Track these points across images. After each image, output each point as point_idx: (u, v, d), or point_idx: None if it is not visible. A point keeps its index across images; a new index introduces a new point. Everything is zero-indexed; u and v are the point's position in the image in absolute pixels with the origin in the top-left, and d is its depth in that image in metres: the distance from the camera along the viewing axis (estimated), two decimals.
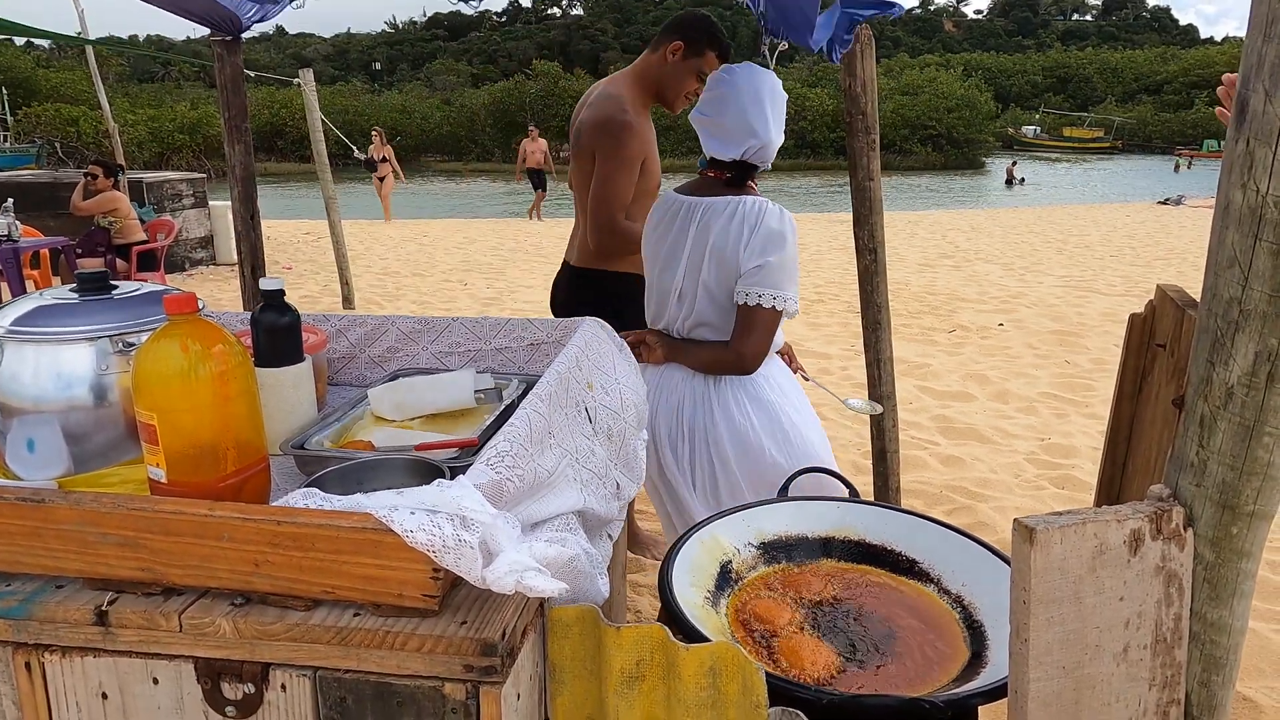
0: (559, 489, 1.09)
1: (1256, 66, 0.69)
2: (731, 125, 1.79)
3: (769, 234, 1.77)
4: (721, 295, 1.84)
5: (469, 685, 0.83)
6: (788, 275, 1.79)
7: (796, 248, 1.82)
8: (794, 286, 1.81)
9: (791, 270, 1.80)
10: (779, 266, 1.77)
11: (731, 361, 1.84)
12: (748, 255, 1.77)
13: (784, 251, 1.78)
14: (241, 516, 0.83)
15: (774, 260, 1.76)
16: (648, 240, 1.99)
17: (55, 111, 31.08)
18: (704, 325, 1.88)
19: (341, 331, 1.64)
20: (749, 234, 1.78)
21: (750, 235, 1.78)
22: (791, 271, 1.80)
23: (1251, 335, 0.72)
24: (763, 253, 1.76)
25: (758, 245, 1.77)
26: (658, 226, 1.94)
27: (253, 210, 2.92)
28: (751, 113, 1.77)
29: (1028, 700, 0.77)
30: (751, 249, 1.77)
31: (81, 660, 0.88)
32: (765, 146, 1.80)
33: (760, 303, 1.78)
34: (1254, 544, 0.77)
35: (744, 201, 1.80)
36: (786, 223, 1.80)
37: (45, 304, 1.11)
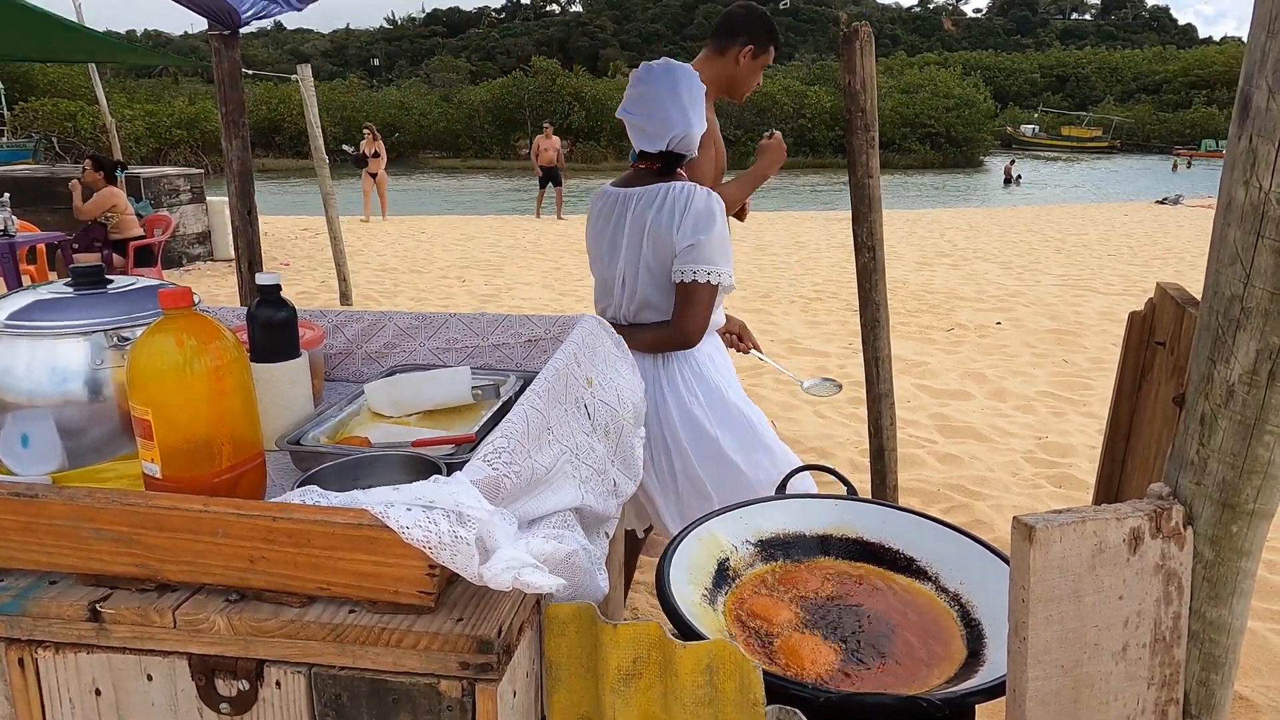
0: (557, 485, 1.08)
1: (1260, 62, 0.68)
2: (655, 121, 1.92)
3: (699, 214, 1.88)
4: (661, 276, 1.95)
5: (465, 683, 0.82)
6: (719, 251, 1.90)
7: (725, 226, 1.92)
8: (727, 262, 1.92)
9: (722, 246, 1.91)
10: (710, 244, 1.88)
11: (674, 338, 1.96)
12: (681, 236, 1.89)
13: (713, 229, 1.89)
14: (236, 512, 0.82)
15: (704, 238, 1.88)
16: (589, 234, 2.11)
17: (52, 106, 30.98)
18: (648, 307, 1.99)
19: (338, 327, 1.63)
20: (680, 216, 1.89)
21: (682, 217, 1.89)
22: (722, 248, 1.91)
23: (1253, 333, 0.71)
24: (694, 232, 1.88)
25: (689, 226, 1.88)
26: (597, 220, 2.06)
27: (250, 205, 2.91)
28: (671, 107, 1.91)
29: (1026, 699, 0.77)
30: (684, 229, 1.88)
31: (75, 656, 0.87)
32: (686, 137, 1.93)
33: (695, 279, 1.89)
34: (1254, 543, 0.77)
35: (673, 187, 1.93)
36: (714, 203, 1.91)
37: (40, 298, 1.10)
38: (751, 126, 41.27)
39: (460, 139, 45.37)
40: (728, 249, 1.93)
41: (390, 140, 43.42)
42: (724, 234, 1.91)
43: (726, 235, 1.92)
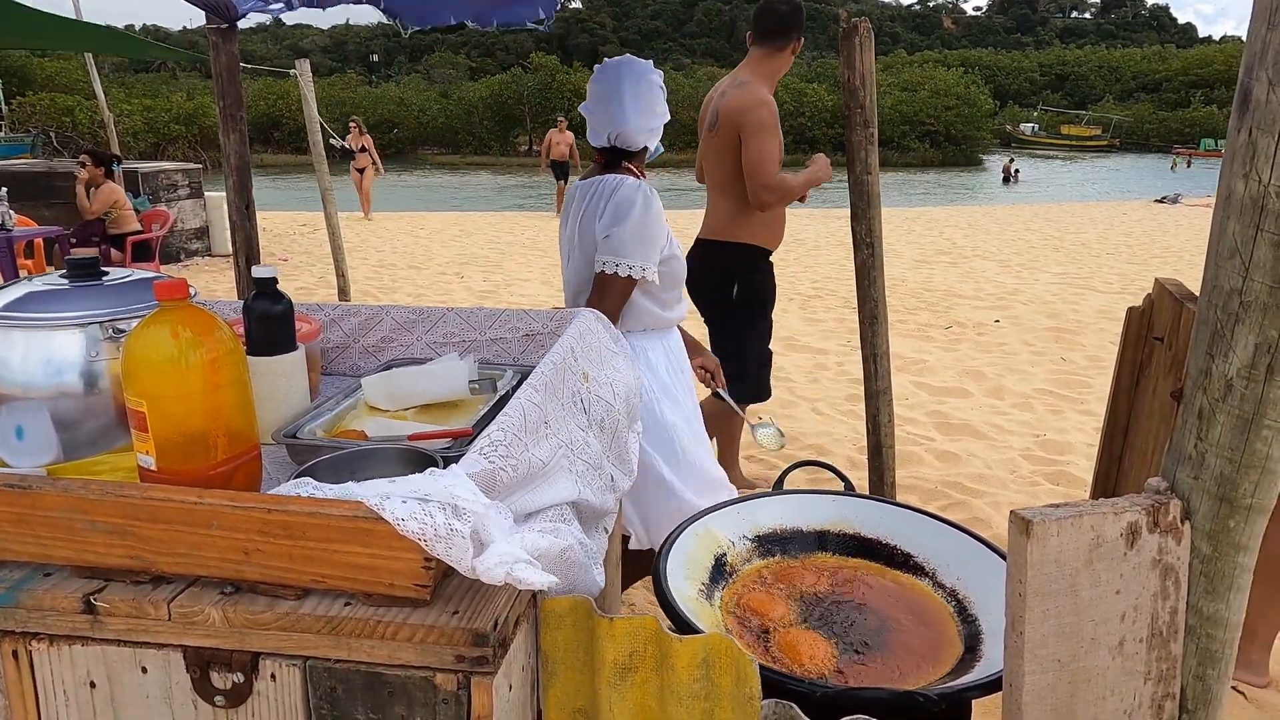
0: (553, 479, 1.08)
1: (1260, 55, 0.68)
2: (597, 116, 1.96)
3: (618, 204, 1.89)
4: (586, 268, 1.99)
5: (460, 676, 0.82)
6: (635, 244, 1.88)
7: (651, 219, 1.90)
8: (643, 255, 1.89)
9: (639, 239, 1.88)
10: (624, 235, 1.87)
11: None
12: (601, 226, 1.91)
13: (628, 221, 1.88)
14: (231, 504, 0.82)
15: (618, 229, 1.88)
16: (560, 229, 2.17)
17: (50, 101, 30.90)
18: (582, 295, 2.03)
19: (335, 321, 1.62)
20: (604, 205, 1.92)
21: (604, 207, 1.92)
22: (640, 240, 1.88)
23: (1251, 327, 0.71)
24: (612, 222, 1.89)
25: (609, 216, 1.90)
26: (563, 214, 2.11)
27: (248, 200, 2.91)
28: (611, 103, 1.93)
29: (1022, 693, 0.77)
30: (604, 220, 1.91)
31: (69, 649, 0.87)
32: (624, 132, 1.93)
33: (604, 269, 1.89)
34: (1251, 537, 0.77)
35: (608, 179, 1.95)
36: (639, 196, 1.90)
37: (35, 289, 1.10)
38: None
39: (459, 135, 45.32)
40: (648, 242, 1.90)
41: (389, 136, 43.48)
42: (645, 227, 1.89)
43: (652, 229, 1.90)
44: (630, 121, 1.93)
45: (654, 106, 1.96)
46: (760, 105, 2.77)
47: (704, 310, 3.15)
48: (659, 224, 1.93)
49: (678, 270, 2.02)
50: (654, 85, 1.96)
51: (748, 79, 2.85)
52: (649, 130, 1.97)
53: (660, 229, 1.93)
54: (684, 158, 37.26)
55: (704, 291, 3.08)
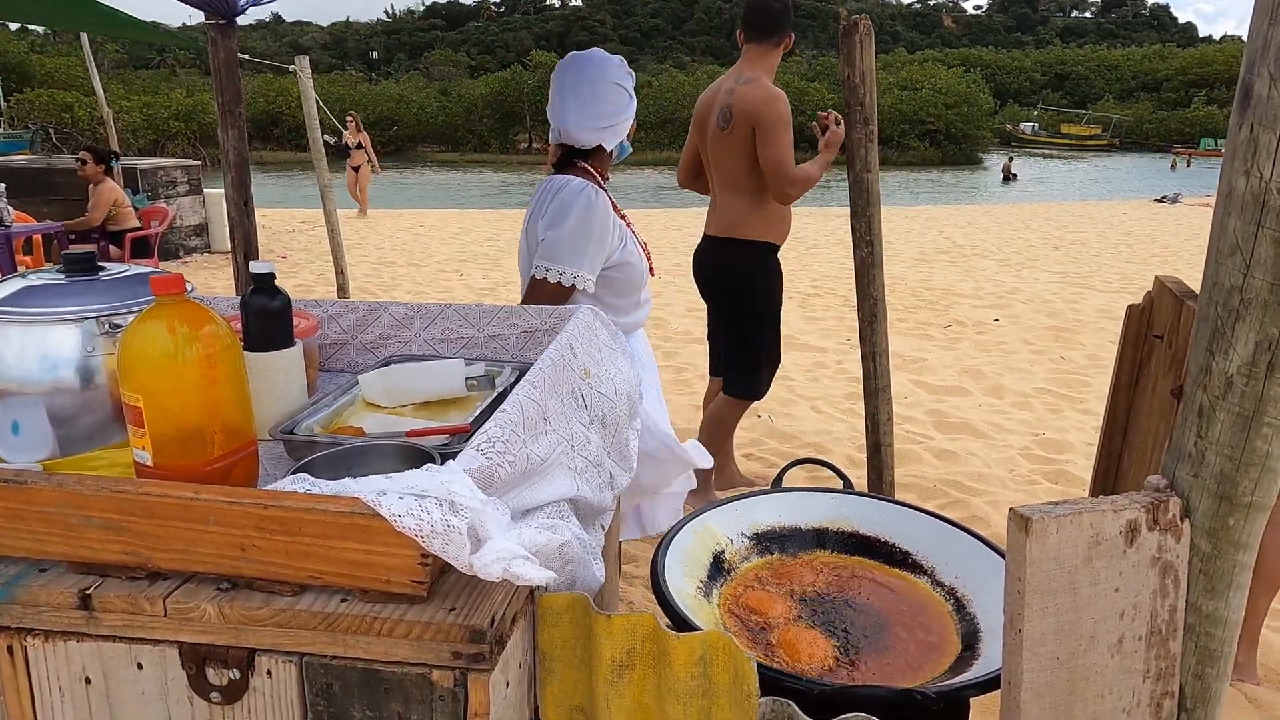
0: (552, 476, 1.07)
1: (1262, 51, 0.68)
2: (549, 112, 1.93)
3: (555, 209, 1.84)
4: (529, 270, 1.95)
5: (457, 673, 0.82)
6: (568, 250, 1.82)
7: (591, 225, 1.82)
8: (577, 262, 1.82)
9: (574, 244, 1.82)
10: (558, 240, 1.82)
11: None
12: (539, 230, 1.88)
13: (564, 227, 1.82)
14: (227, 500, 0.82)
15: (553, 234, 1.83)
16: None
17: (49, 97, 30.85)
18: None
19: (333, 317, 1.62)
20: (544, 208, 1.88)
21: (544, 209, 1.88)
22: (574, 246, 1.81)
23: (1252, 324, 0.71)
24: (548, 227, 1.85)
25: (546, 220, 1.86)
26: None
27: (246, 196, 2.90)
28: (554, 100, 1.90)
29: (1021, 691, 0.76)
30: (542, 224, 1.87)
31: (65, 644, 0.86)
32: (564, 130, 1.89)
33: (536, 273, 1.85)
34: (1251, 535, 0.76)
35: (555, 179, 1.89)
36: (579, 200, 1.82)
37: (31, 284, 1.09)
38: None
39: (459, 133, 45.26)
40: (585, 249, 1.82)
41: (389, 134, 43.40)
42: (582, 232, 1.82)
43: (591, 235, 1.83)
44: (569, 120, 1.87)
45: (600, 106, 1.87)
46: (776, 100, 2.79)
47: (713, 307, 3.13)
48: (600, 230, 1.83)
49: (632, 275, 1.93)
50: (602, 83, 1.87)
51: (754, 75, 2.86)
52: (595, 129, 1.88)
53: (601, 235, 1.84)
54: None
55: (714, 289, 3.07)
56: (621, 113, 1.91)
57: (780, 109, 2.78)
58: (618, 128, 1.92)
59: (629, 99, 1.92)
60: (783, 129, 2.78)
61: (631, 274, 1.93)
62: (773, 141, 2.78)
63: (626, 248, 1.91)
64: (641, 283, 1.97)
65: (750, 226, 2.96)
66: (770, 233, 2.98)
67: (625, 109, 1.91)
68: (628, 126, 1.95)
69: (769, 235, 2.98)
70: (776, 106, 2.77)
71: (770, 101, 2.79)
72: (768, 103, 2.79)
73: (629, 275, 1.93)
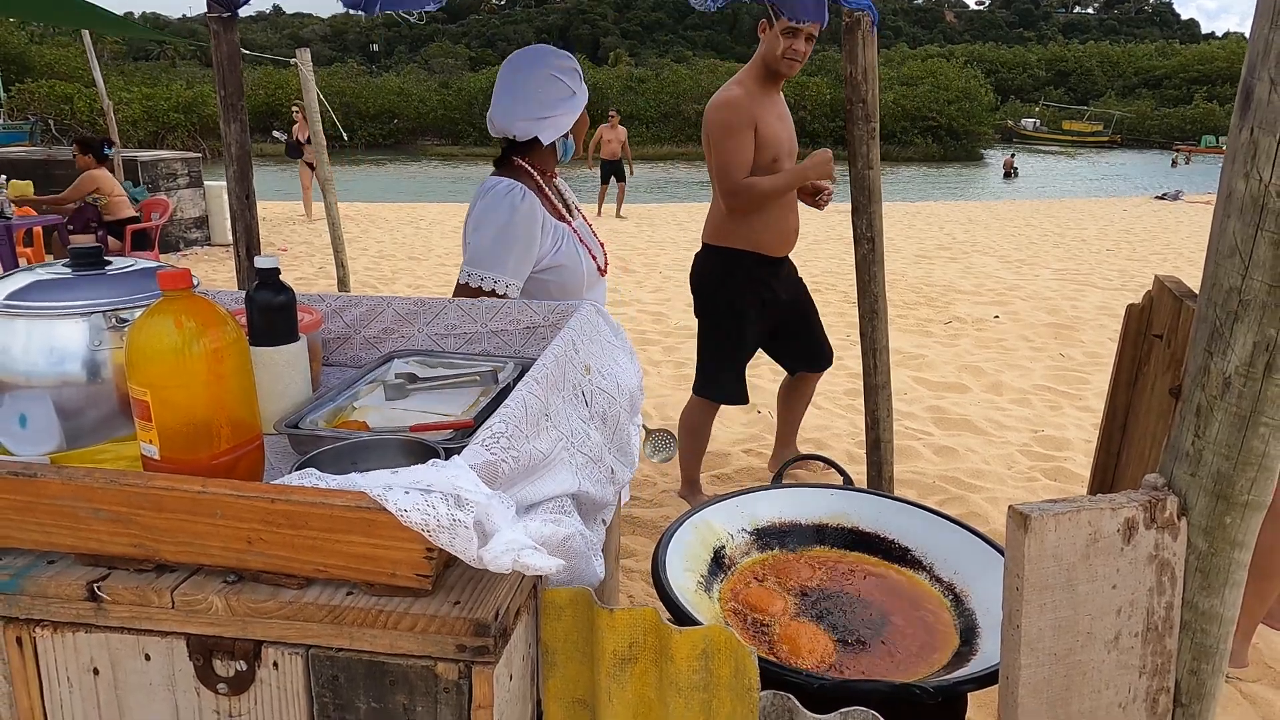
0: (554, 471, 1.08)
1: (1263, 54, 0.68)
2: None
3: (479, 212, 1.79)
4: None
5: (461, 665, 0.83)
6: (493, 255, 1.76)
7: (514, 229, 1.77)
8: (500, 267, 1.76)
9: (496, 249, 1.76)
10: (480, 245, 1.77)
11: None
12: (467, 233, 1.83)
13: (487, 232, 1.77)
14: (234, 494, 0.83)
15: (477, 239, 1.79)
16: None
17: (49, 88, 30.80)
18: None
19: (337, 312, 1.63)
20: (472, 210, 1.83)
21: (471, 212, 1.83)
22: (496, 251, 1.76)
23: (1250, 325, 0.72)
24: (474, 229, 1.80)
25: (472, 223, 1.81)
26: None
27: (248, 190, 2.90)
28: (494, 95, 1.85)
29: (1018, 686, 0.77)
30: (469, 227, 1.82)
31: (73, 636, 0.87)
32: (492, 121, 1.86)
33: (460, 278, 1.80)
34: (1247, 534, 0.77)
35: (485, 181, 1.84)
36: (503, 203, 1.77)
37: (39, 279, 1.10)
38: None
39: (459, 126, 45.16)
40: (507, 254, 1.77)
41: (389, 127, 43.30)
42: (505, 237, 1.77)
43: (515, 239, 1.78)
44: (497, 109, 1.83)
45: (532, 95, 1.80)
46: (722, 107, 2.73)
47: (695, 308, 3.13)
48: (524, 234, 1.78)
49: (566, 279, 1.86)
50: (537, 73, 1.81)
51: (734, 79, 2.81)
52: (527, 120, 1.82)
53: (526, 239, 1.78)
54: (683, 151, 36.97)
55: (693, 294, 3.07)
56: (559, 105, 1.82)
57: (724, 115, 2.72)
58: (555, 120, 1.84)
59: (571, 94, 1.84)
60: (726, 135, 2.71)
61: (566, 277, 1.86)
62: (716, 148, 2.75)
63: (561, 250, 1.85)
64: (579, 286, 1.88)
65: (724, 234, 2.89)
66: (749, 241, 2.88)
67: (565, 102, 1.83)
68: (568, 121, 1.86)
69: (748, 244, 2.88)
70: (722, 113, 2.73)
71: (716, 108, 2.75)
72: (714, 109, 2.76)
73: (563, 279, 1.86)
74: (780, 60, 2.71)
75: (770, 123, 2.76)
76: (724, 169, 2.74)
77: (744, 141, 2.71)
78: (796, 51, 2.70)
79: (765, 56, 2.74)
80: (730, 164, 2.72)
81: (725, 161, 2.73)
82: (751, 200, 2.76)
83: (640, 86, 45.71)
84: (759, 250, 2.90)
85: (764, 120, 2.74)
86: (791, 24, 2.65)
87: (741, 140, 2.71)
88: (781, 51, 2.69)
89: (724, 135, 2.71)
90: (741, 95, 2.73)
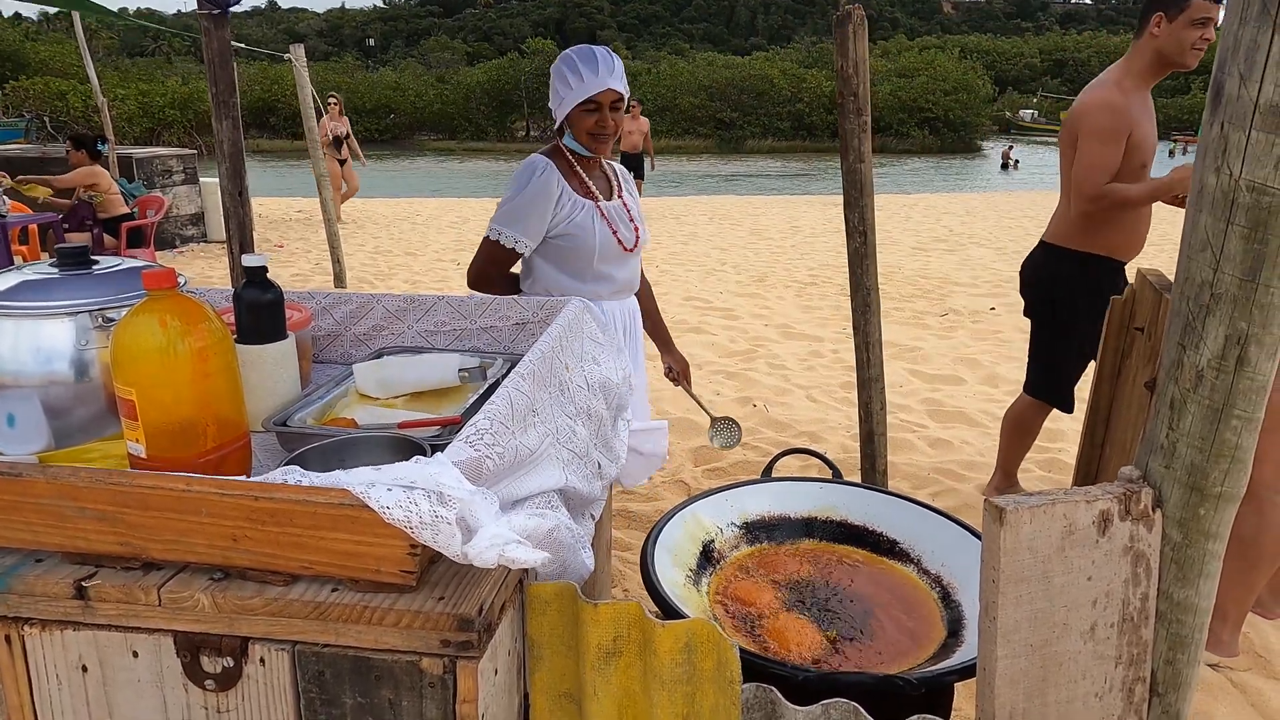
0: (540, 467, 1.09)
1: (1232, 50, 0.69)
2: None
3: (514, 176, 2.06)
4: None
5: (446, 660, 0.84)
6: (510, 215, 2.03)
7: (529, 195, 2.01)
8: (514, 226, 2.02)
9: (515, 211, 2.02)
10: (506, 205, 2.04)
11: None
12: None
13: (509, 193, 2.04)
14: (219, 491, 0.83)
15: (503, 199, 2.05)
16: None
17: (44, 85, 30.70)
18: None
19: (327, 309, 1.63)
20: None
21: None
22: (514, 212, 2.02)
23: (1222, 319, 0.72)
24: (505, 191, 2.07)
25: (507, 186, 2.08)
26: None
27: (241, 187, 2.90)
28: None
29: (995, 677, 0.78)
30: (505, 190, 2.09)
31: (61, 634, 0.88)
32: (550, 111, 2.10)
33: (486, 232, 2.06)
34: (1221, 525, 0.78)
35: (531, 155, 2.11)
36: (524, 170, 2.04)
37: (26, 278, 1.10)
38: (750, 110, 41.11)
39: (455, 121, 45.05)
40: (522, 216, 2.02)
41: (385, 122, 43.18)
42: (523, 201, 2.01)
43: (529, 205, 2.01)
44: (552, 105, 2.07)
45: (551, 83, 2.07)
46: (1102, 109, 2.62)
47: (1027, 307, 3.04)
48: (539, 199, 2.01)
49: (579, 246, 2.07)
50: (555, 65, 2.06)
51: (1106, 77, 2.69)
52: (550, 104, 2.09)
53: (540, 203, 2.02)
54: (680, 144, 36.87)
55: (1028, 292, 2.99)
56: (554, 96, 2.06)
57: (1102, 120, 2.59)
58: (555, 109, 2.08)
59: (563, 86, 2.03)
60: (1098, 139, 2.59)
61: (578, 244, 2.06)
62: (1082, 150, 2.64)
63: (575, 220, 2.05)
64: (590, 254, 2.07)
65: (1071, 235, 2.78)
66: (1101, 245, 2.75)
67: (556, 94, 2.05)
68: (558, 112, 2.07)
69: (1099, 248, 2.75)
70: (1100, 116, 2.60)
71: (1095, 109, 2.62)
72: (1092, 109, 2.63)
73: (576, 245, 2.06)
74: (1188, 53, 2.59)
75: (1144, 126, 2.65)
76: (1089, 172, 2.62)
77: (1115, 148, 2.61)
78: (1207, 40, 2.57)
79: (1165, 51, 2.61)
80: (1096, 168, 2.61)
81: (1091, 165, 2.61)
82: (1110, 206, 2.65)
83: (637, 80, 45.60)
84: (1112, 255, 2.77)
85: (1139, 124, 2.64)
86: (1203, 14, 2.51)
87: (1113, 147, 2.61)
88: (1193, 43, 2.57)
89: (1096, 139, 2.60)
90: (1122, 101, 2.61)
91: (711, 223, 11.67)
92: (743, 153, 35.92)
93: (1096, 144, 2.60)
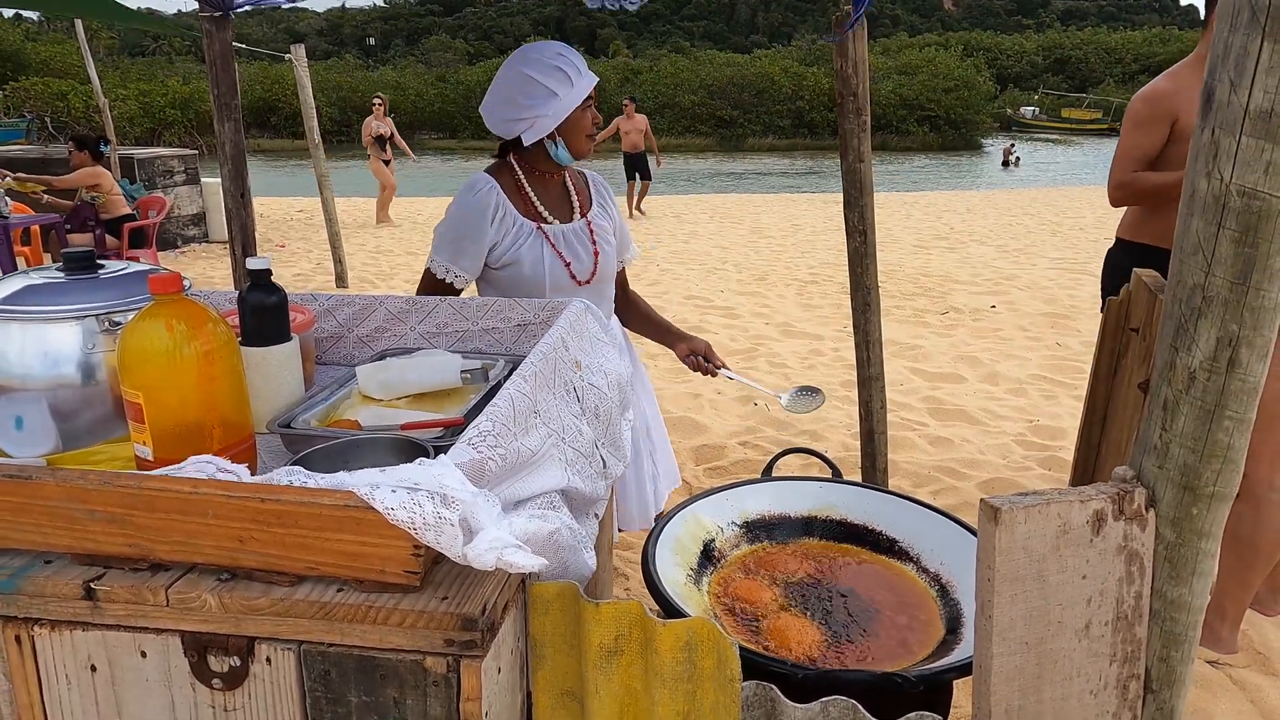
0: (543, 468, 1.10)
1: (1223, 56, 0.70)
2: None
3: (453, 200, 1.87)
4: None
5: (450, 659, 0.85)
6: (444, 242, 1.85)
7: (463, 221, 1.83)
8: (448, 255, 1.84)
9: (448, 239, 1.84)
10: (441, 231, 1.86)
11: None
12: None
13: (444, 220, 1.86)
14: (225, 494, 0.84)
15: (441, 224, 1.87)
16: None
17: (45, 86, 30.73)
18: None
19: (329, 311, 1.64)
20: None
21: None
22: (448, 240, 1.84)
23: (1213, 321, 0.73)
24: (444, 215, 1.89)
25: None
26: None
27: (243, 188, 2.91)
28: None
29: (991, 675, 0.79)
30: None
31: (70, 634, 0.89)
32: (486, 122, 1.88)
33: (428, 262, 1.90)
34: (1214, 524, 0.79)
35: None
36: (461, 195, 1.86)
37: (33, 283, 1.11)
38: (750, 108, 41.08)
39: (456, 120, 45.04)
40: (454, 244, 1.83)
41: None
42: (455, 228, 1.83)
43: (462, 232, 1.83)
44: (484, 105, 1.85)
45: (508, 95, 1.79)
46: (1140, 98, 2.59)
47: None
48: (472, 227, 1.81)
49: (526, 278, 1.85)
50: (513, 72, 1.78)
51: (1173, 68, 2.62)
52: (503, 120, 1.82)
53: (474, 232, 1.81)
54: (681, 143, 36.85)
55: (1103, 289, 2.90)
56: (538, 106, 1.76)
57: (1137, 107, 2.57)
58: (535, 122, 1.78)
59: (548, 94, 1.76)
60: (1132, 126, 2.56)
61: (523, 276, 1.85)
62: (1121, 137, 2.62)
63: (519, 248, 1.84)
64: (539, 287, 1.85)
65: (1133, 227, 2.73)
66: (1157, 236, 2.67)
67: (541, 104, 1.76)
68: (546, 124, 1.78)
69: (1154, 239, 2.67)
70: (1136, 104, 2.58)
71: (1136, 98, 2.60)
72: (1135, 98, 2.61)
73: (520, 278, 1.85)
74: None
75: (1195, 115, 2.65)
76: (1116, 159, 2.60)
77: (1147, 136, 2.56)
78: None
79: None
80: (1124, 155, 2.58)
81: (1119, 152, 2.60)
82: (1135, 195, 2.62)
83: (637, 78, 45.58)
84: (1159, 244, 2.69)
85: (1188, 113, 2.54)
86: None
87: (1144, 135, 2.56)
88: None
89: (1130, 126, 2.58)
90: (1166, 88, 2.55)
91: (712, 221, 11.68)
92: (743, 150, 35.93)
93: (1129, 131, 2.57)
